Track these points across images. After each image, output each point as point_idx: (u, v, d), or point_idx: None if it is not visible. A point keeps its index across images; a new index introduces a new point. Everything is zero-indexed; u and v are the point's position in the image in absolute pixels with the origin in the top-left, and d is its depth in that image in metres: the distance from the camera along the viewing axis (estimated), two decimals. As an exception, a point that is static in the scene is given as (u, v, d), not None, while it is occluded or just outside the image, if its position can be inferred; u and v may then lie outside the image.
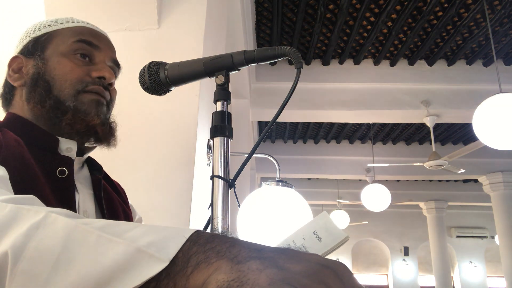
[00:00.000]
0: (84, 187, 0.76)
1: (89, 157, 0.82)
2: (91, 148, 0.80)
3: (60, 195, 0.67)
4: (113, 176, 0.90)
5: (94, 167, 0.82)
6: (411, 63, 4.71)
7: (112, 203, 0.81)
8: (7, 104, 0.78)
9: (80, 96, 0.73)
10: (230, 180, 0.69)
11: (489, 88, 4.40)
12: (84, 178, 0.78)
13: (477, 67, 4.73)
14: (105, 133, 0.76)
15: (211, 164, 0.73)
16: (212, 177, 0.69)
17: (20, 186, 0.59)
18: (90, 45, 0.77)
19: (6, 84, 0.78)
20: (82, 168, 0.79)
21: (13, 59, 0.78)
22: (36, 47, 0.76)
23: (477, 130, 2.81)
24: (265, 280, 0.31)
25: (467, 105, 4.54)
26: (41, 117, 0.72)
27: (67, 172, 0.69)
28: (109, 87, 0.79)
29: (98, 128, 0.74)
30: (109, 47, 0.82)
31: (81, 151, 0.77)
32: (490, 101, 2.75)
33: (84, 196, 0.74)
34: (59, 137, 0.72)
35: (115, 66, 0.83)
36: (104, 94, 0.77)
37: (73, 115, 0.72)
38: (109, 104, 0.79)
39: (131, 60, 1.45)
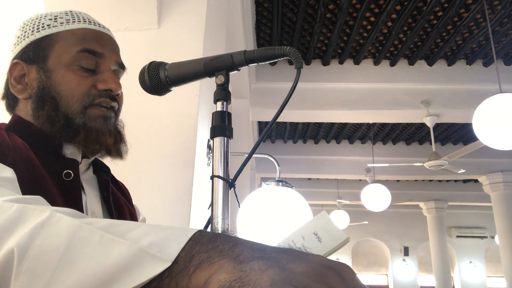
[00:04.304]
0: (90, 188, 0.76)
1: (95, 158, 0.81)
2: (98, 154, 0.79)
3: (67, 197, 0.67)
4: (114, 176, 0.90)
5: (101, 168, 0.82)
6: (411, 63, 4.71)
7: (119, 204, 0.81)
8: (11, 108, 0.76)
9: (87, 112, 0.72)
10: (230, 180, 0.69)
11: (489, 88, 4.40)
12: (90, 179, 0.78)
13: (477, 67, 4.73)
14: (117, 149, 0.76)
15: (211, 164, 0.73)
16: (212, 177, 0.69)
17: (28, 188, 0.59)
18: (94, 54, 0.74)
19: (8, 91, 0.76)
20: (87, 170, 0.79)
21: (13, 66, 0.74)
22: (37, 54, 0.73)
23: (477, 130, 2.81)
24: (267, 281, 0.31)
25: (467, 105, 4.54)
26: (50, 132, 0.71)
27: (72, 175, 0.69)
28: (115, 97, 0.77)
29: (112, 147, 0.74)
30: (113, 50, 0.79)
31: (85, 153, 0.77)
32: (490, 101, 2.75)
33: (91, 197, 0.75)
34: (63, 142, 0.72)
35: (120, 69, 0.80)
36: (111, 105, 0.75)
37: (86, 135, 0.71)
38: (117, 112, 0.78)
39: (131, 60, 1.45)
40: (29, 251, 0.38)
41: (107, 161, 0.82)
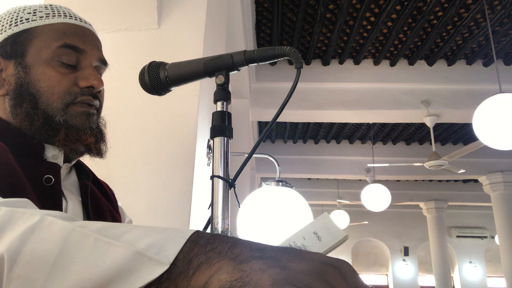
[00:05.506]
0: (72, 194, 0.73)
1: (78, 160, 0.78)
2: (80, 154, 0.76)
3: (46, 203, 0.64)
4: (113, 176, 0.90)
5: (82, 171, 0.78)
6: (411, 63, 4.71)
7: (101, 209, 0.77)
8: None
9: (69, 109, 0.70)
10: (230, 180, 0.69)
11: (489, 88, 4.40)
12: (72, 185, 0.75)
13: (477, 67, 4.73)
14: (98, 148, 0.73)
15: (211, 164, 0.73)
16: (212, 177, 0.69)
17: (5, 193, 0.56)
18: (75, 50, 0.72)
19: None
20: (69, 174, 0.76)
21: None
22: (15, 49, 0.70)
23: (477, 130, 2.81)
24: (267, 280, 0.30)
25: (467, 105, 4.54)
26: (29, 131, 0.68)
27: (53, 180, 0.67)
28: (97, 94, 0.75)
29: (92, 146, 0.72)
30: (95, 45, 0.76)
31: (68, 156, 0.74)
32: (490, 101, 2.75)
33: (74, 203, 0.72)
34: (45, 144, 0.69)
35: (102, 65, 0.78)
36: (93, 103, 0.73)
37: (66, 134, 0.68)
38: (99, 109, 0.76)
39: (131, 60, 1.45)
40: (20, 257, 0.37)
41: (102, 159, 0.80)
